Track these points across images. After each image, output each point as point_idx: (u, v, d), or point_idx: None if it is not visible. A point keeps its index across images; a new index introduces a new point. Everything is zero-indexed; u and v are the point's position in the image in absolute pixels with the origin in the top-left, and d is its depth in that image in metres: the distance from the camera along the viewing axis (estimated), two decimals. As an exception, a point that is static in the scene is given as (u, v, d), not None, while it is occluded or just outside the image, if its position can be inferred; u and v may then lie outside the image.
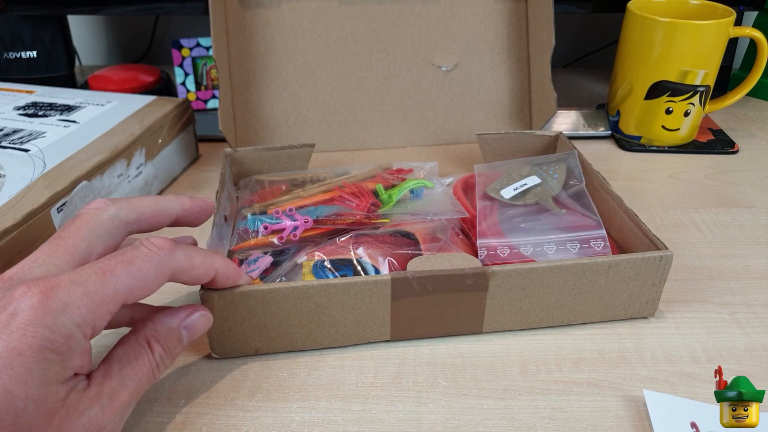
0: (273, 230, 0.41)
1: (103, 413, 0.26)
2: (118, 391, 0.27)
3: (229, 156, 0.50)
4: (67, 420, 0.25)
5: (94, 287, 0.26)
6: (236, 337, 0.36)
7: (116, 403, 0.27)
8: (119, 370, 0.28)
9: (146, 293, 0.28)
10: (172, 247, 0.29)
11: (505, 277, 0.36)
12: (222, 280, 0.33)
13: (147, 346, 0.29)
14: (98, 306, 0.26)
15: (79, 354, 0.25)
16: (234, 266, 0.33)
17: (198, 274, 0.31)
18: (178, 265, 0.29)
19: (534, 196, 0.44)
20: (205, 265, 0.31)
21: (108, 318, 0.26)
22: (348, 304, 0.36)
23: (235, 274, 0.33)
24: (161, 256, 0.28)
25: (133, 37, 0.88)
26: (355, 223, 0.42)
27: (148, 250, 0.28)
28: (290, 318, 0.36)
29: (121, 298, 0.27)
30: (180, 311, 0.31)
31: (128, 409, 0.28)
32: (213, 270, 0.31)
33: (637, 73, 0.60)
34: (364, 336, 0.37)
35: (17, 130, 0.50)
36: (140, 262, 0.27)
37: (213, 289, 0.34)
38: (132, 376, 0.28)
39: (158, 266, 0.28)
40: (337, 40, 0.58)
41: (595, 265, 0.36)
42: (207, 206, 0.35)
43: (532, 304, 0.37)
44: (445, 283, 0.36)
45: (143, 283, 0.27)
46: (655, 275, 0.37)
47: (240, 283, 0.34)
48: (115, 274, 0.26)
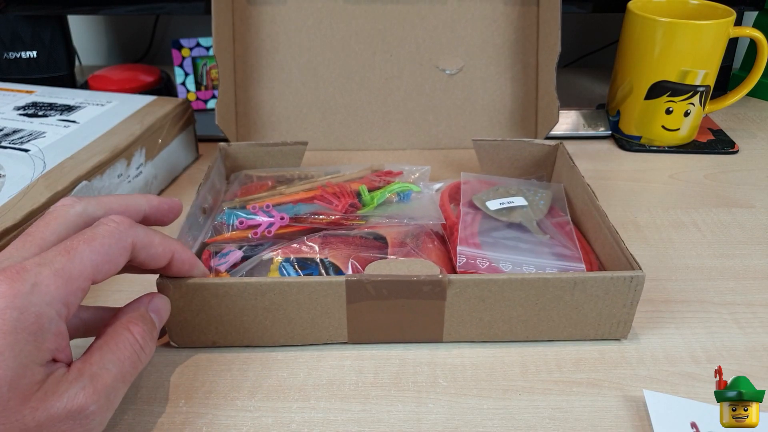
0: (248, 225, 0.41)
1: (84, 394, 0.26)
2: (99, 374, 0.27)
3: (223, 150, 0.51)
4: (45, 402, 0.25)
5: (61, 265, 0.26)
6: (193, 328, 0.36)
7: (98, 385, 0.27)
8: (100, 355, 0.28)
9: (112, 268, 0.29)
10: (131, 222, 0.30)
11: (463, 286, 0.35)
12: (178, 265, 0.33)
13: (126, 329, 0.29)
14: (67, 283, 0.26)
15: (54, 335, 0.26)
16: (191, 254, 0.34)
17: (156, 253, 0.31)
18: (138, 240, 0.30)
19: (519, 216, 0.44)
20: (163, 245, 0.32)
21: (80, 295, 0.27)
22: (303, 304, 0.36)
23: (190, 261, 0.34)
24: (121, 231, 0.29)
25: (133, 37, 0.88)
26: (332, 223, 0.42)
27: (108, 227, 0.29)
28: (245, 313, 0.36)
29: (88, 273, 0.27)
30: (141, 298, 0.32)
31: (114, 393, 0.28)
32: (170, 251, 0.32)
33: (637, 73, 0.60)
34: (320, 336, 0.37)
35: (17, 130, 0.50)
36: (102, 238, 0.28)
37: (169, 278, 0.34)
38: (113, 360, 0.28)
39: (119, 240, 0.29)
40: (341, 39, 0.58)
41: (558, 281, 0.35)
42: (175, 205, 0.36)
43: (494, 317, 0.37)
44: (400, 289, 0.35)
45: (107, 257, 0.28)
46: (626, 296, 0.36)
47: (194, 272, 0.35)
48: (79, 251, 0.27)
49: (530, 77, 0.59)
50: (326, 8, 0.57)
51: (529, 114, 0.60)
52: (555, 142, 0.52)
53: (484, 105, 0.60)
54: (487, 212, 0.45)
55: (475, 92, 0.60)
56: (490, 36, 0.59)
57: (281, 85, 0.58)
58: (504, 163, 0.53)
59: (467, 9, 0.58)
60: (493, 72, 0.59)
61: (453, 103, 0.60)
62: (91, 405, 0.26)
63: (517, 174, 0.53)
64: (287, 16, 0.57)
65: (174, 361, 0.37)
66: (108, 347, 0.28)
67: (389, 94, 0.59)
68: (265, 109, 0.59)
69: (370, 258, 0.39)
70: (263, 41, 0.58)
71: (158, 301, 0.33)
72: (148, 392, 0.35)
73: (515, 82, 0.59)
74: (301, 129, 0.59)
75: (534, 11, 0.58)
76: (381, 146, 0.60)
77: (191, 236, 0.40)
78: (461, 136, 0.60)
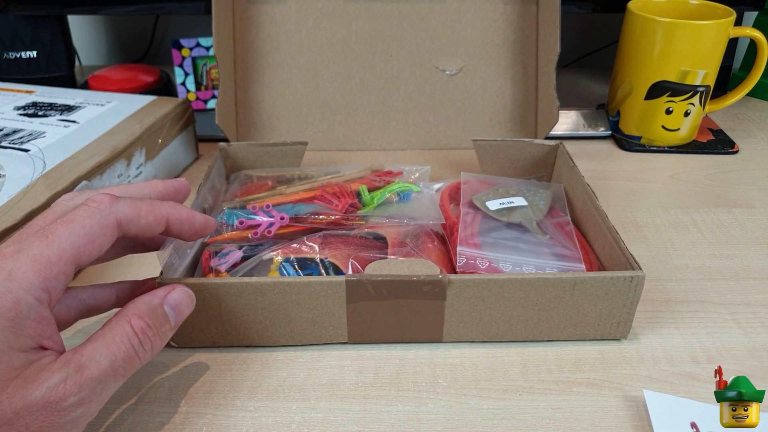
0: (248, 225, 0.41)
1: (65, 386, 0.25)
2: (86, 365, 0.26)
3: (223, 150, 0.51)
4: (23, 389, 0.24)
5: (39, 250, 0.26)
6: (193, 328, 0.36)
7: (82, 377, 0.25)
8: (93, 347, 0.27)
9: (96, 249, 0.28)
10: (113, 199, 0.29)
11: (463, 286, 0.35)
12: (177, 227, 0.31)
13: (127, 322, 0.28)
14: (45, 268, 0.25)
15: (35, 321, 0.25)
16: (187, 210, 0.32)
17: (147, 223, 0.30)
18: (122, 216, 0.29)
19: (519, 216, 0.44)
20: (153, 213, 0.30)
21: (62, 280, 0.26)
22: (303, 304, 0.36)
23: (189, 217, 0.32)
24: (102, 210, 0.28)
25: (133, 37, 0.88)
26: (332, 223, 0.42)
27: (88, 207, 0.28)
28: (245, 313, 0.36)
29: (68, 257, 0.26)
30: (160, 290, 0.31)
31: (102, 386, 0.26)
32: (163, 217, 0.30)
33: (637, 73, 0.60)
34: (320, 336, 0.37)
35: (17, 130, 0.50)
36: (82, 219, 0.27)
37: (167, 280, 0.34)
38: (106, 353, 0.27)
39: (101, 219, 0.28)
40: (341, 39, 0.58)
41: (559, 281, 0.35)
42: (183, 187, 0.35)
43: (494, 317, 0.37)
44: (400, 289, 0.35)
45: (88, 239, 0.27)
46: (626, 296, 0.36)
47: (196, 227, 0.32)
48: (57, 235, 0.26)
49: (530, 77, 0.59)
50: (326, 8, 0.57)
51: (529, 114, 0.60)
52: (555, 142, 0.52)
53: (484, 105, 0.60)
54: (487, 212, 0.45)
55: (475, 92, 0.60)
56: (489, 36, 0.58)
57: (281, 85, 0.58)
58: (504, 163, 0.53)
59: (467, 9, 0.58)
60: (493, 72, 0.59)
61: (453, 103, 0.60)
62: (71, 397, 0.25)
63: (517, 174, 0.53)
64: (287, 16, 0.57)
65: (174, 361, 0.37)
66: (103, 339, 0.27)
67: (389, 94, 0.59)
68: (265, 109, 0.59)
69: (370, 258, 0.39)
70: (263, 41, 0.58)
71: (177, 294, 0.31)
72: (148, 392, 0.35)
73: (515, 82, 0.59)
74: (301, 129, 0.59)
75: (533, 11, 0.58)
76: (381, 146, 0.60)
77: None
78: (461, 136, 0.60)
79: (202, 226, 0.33)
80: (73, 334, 0.38)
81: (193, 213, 0.32)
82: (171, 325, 0.30)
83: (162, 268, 0.35)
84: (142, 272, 0.44)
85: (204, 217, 0.33)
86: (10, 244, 0.26)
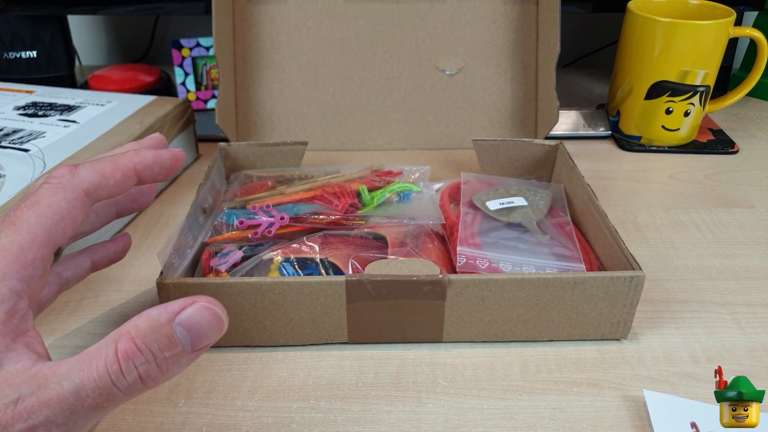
0: (249, 225, 0.41)
1: (15, 408, 0.21)
2: (47, 386, 0.22)
3: (223, 150, 0.51)
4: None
5: (8, 239, 0.24)
6: None
7: (37, 401, 0.21)
8: (71, 364, 0.22)
9: (70, 225, 0.26)
10: (72, 170, 0.27)
11: (463, 286, 0.35)
12: (149, 173, 0.30)
13: (113, 342, 0.23)
14: (17, 257, 0.24)
15: (7, 314, 0.23)
16: (151, 152, 0.30)
17: (116, 182, 0.28)
18: (88, 184, 0.27)
19: (519, 216, 0.44)
20: (119, 170, 0.28)
21: (39, 265, 0.25)
22: (303, 304, 0.36)
23: (157, 159, 0.30)
24: (64, 184, 0.26)
25: (133, 37, 0.88)
26: (332, 223, 0.42)
27: (50, 184, 0.26)
28: (245, 313, 0.36)
29: (41, 241, 0.25)
30: (174, 303, 0.24)
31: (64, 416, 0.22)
32: (130, 170, 0.29)
33: (637, 73, 0.60)
34: (320, 336, 0.37)
35: (17, 130, 0.50)
36: (46, 198, 0.26)
37: (168, 278, 0.34)
38: (75, 375, 0.22)
39: (66, 194, 0.26)
40: (341, 39, 0.58)
41: (559, 281, 0.35)
42: (157, 143, 0.33)
43: (494, 317, 0.37)
44: (400, 289, 0.35)
45: (58, 217, 0.26)
46: (626, 296, 0.36)
47: (166, 162, 0.30)
48: (24, 219, 0.25)
49: (530, 77, 0.59)
50: (326, 8, 0.57)
51: (529, 114, 0.60)
52: (555, 142, 0.52)
53: (484, 105, 0.60)
54: (487, 212, 0.45)
55: (475, 92, 0.60)
56: (489, 36, 0.58)
57: (281, 85, 0.58)
58: (504, 163, 0.53)
59: (467, 9, 0.58)
60: (493, 72, 0.59)
61: (453, 103, 0.60)
62: (18, 423, 0.21)
63: (517, 174, 0.53)
64: (287, 16, 0.57)
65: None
66: (85, 357, 0.23)
67: (389, 94, 0.59)
68: (265, 109, 0.59)
69: (370, 258, 0.39)
70: (263, 41, 0.58)
71: (194, 311, 0.24)
72: (148, 392, 0.34)
73: (515, 82, 0.59)
74: (301, 129, 0.59)
75: (533, 11, 0.58)
76: (381, 146, 0.60)
77: (191, 236, 0.40)
78: (461, 136, 0.60)
79: (171, 161, 0.31)
80: (73, 334, 0.38)
81: (158, 153, 0.30)
82: (184, 349, 0.24)
83: (162, 268, 0.35)
84: (143, 272, 0.44)
85: (170, 152, 0.31)
86: None
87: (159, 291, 0.35)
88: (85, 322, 0.39)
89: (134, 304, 0.41)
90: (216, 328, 0.24)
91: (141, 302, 0.41)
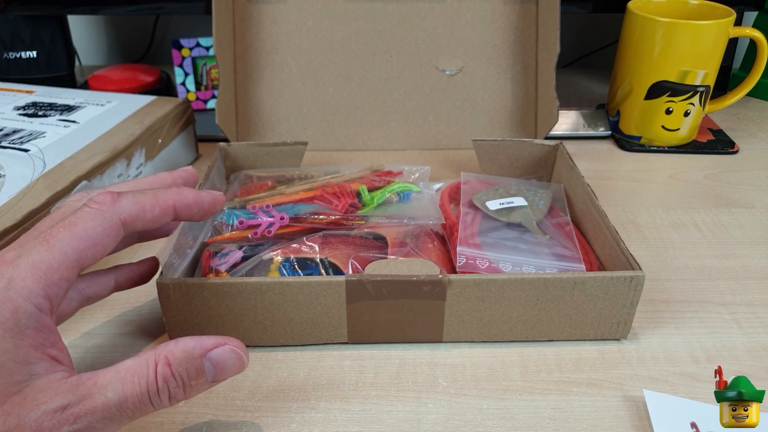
0: (248, 225, 0.41)
1: (62, 414, 0.23)
2: (93, 396, 0.24)
3: (223, 150, 0.51)
4: (20, 407, 0.23)
5: (39, 257, 0.25)
6: (193, 328, 0.36)
7: (83, 408, 0.24)
8: (110, 377, 0.25)
9: (100, 251, 0.27)
10: (114, 198, 0.28)
11: (463, 286, 0.35)
12: (186, 212, 0.30)
13: (153, 364, 0.26)
14: (46, 275, 0.25)
15: (35, 330, 0.24)
16: (193, 192, 0.31)
17: (154, 216, 0.29)
18: (126, 215, 0.28)
19: (519, 216, 0.44)
20: (158, 204, 0.29)
21: (64, 286, 0.25)
22: (303, 304, 0.36)
23: (196, 200, 0.31)
24: (104, 211, 0.27)
25: (133, 37, 0.88)
26: (332, 223, 0.42)
27: (90, 209, 0.27)
28: (245, 313, 0.36)
29: (71, 262, 0.25)
30: (208, 339, 0.27)
31: (102, 423, 0.24)
32: (169, 206, 0.30)
33: (637, 73, 0.60)
34: (320, 336, 0.37)
35: (17, 130, 0.50)
36: (84, 222, 0.26)
37: (167, 279, 0.34)
38: (119, 389, 0.25)
39: (104, 221, 0.27)
40: (341, 39, 0.58)
41: (559, 281, 0.35)
42: (190, 176, 0.34)
43: (494, 317, 0.37)
44: (400, 289, 0.35)
45: (91, 242, 0.26)
46: (626, 296, 0.36)
47: (205, 204, 0.31)
48: (59, 239, 0.25)
49: (530, 77, 0.59)
50: (326, 8, 0.57)
51: (528, 114, 0.60)
52: (555, 142, 0.52)
53: (484, 105, 0.60)
54: (487, 212, 0.45)
55: (475, 92, 0.59)
56: (489, 36, 0.58)
57: (281, 85, 0.58)
58: (504, 163, 0.53)
59: (467, 9, 0.58)
60: (492, 72, 0.59)
61: (453, 103, 0.60)
62: (64, 426, 0.23)
63: (517, 174, 0.53)
64: (287, 16, 0.57)
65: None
66: (125, 372, 0.25)
67: (389, 94, 0.59)
68: (265, 109, 0.59)
69: (370, 258, 0.39)
70: (263, 41, 0.58)
71: (223, 352, 0.27)
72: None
73: (515, 83, 0.59)
74: (301, 129, 0.59)
75: (533, 11, 0.58)
76: (381, 146, 0.60)
77: (191, 236, 0.40)
78: (461, 136, 0.60)
79: (210, 205, 0.32)
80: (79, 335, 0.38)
81: (199, 194, 0.31)
82: (207, 380, 0.27)
83: (162, 268, 0.35)
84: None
85: (211, 195, 0.32)
86: (11, 249, 0.26)
87: (159, 291, 0.35)
88: (84, 321, 0.39)
89: (134, 304, 0.41)
90: (236, 368, 0.28)
91: (141, 302, 0.41)
